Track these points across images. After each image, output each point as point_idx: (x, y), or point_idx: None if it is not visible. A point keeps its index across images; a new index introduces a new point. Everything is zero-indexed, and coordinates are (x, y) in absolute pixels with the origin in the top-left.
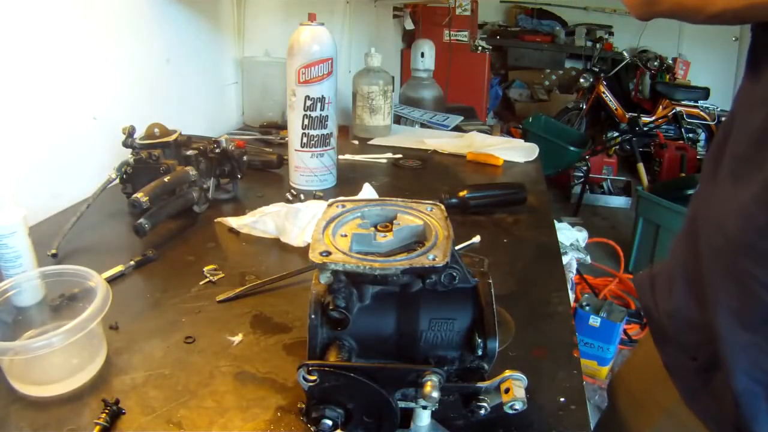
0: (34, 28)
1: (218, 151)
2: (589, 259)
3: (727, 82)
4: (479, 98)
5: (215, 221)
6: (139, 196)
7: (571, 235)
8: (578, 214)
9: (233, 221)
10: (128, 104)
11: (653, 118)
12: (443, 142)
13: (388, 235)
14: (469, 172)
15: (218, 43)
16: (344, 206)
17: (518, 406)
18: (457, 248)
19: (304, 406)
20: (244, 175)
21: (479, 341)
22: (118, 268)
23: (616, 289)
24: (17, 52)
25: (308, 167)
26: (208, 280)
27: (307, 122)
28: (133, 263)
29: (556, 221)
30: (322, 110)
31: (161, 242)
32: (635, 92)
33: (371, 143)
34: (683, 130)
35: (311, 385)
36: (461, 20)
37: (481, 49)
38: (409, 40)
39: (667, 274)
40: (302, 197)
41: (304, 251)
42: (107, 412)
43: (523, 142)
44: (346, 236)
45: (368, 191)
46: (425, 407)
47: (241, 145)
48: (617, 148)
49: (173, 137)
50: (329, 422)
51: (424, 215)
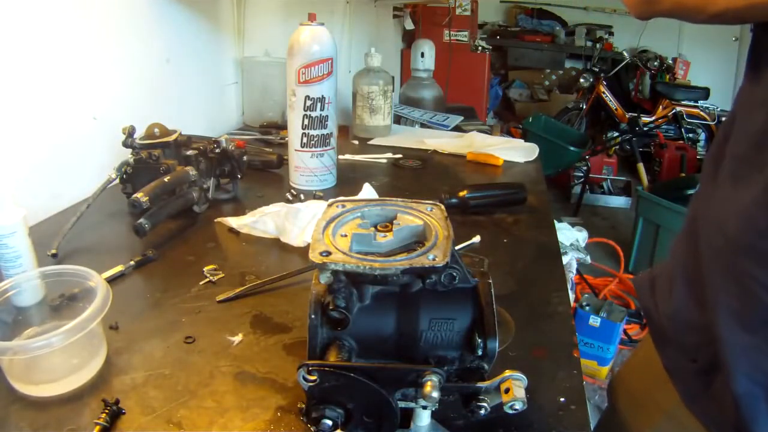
0: (34, 28)
1: (218, 151)
2: (589, 259)
3: (727, 82)
4: (479, 98)
5: (215, 221)
6: (139, 196)
7: (571, 235)
8: (578, 214)
9: (233, 221)
10: (128, 104)
11: (653, 118)
12: (443, 142)
13: (388, 235)
14: (469, 172)
15: (218, 43)
16: (344, 206)
17: (518, 406)
18: (457, 248)
19: (304, 406)
20: (244, 175)
21: (479, 341)
22: (118, 268)
23: (616, 289)
24: (17, 52)
25: (308, 167)
26: (208, 280)
27: (307, 122)
28: (133, 263)
29: (556, 221)
30: (322, 110)
31: (161, 242)
32: (635, 92)
33: (371, 143)
34: (683, 130)
35: (311, 385)
36: (461, 20)
37: (481, 49)
38: (409, 40)
39: (667, 275)
40: (302, 197)
41: (304, 251)
42: (107, 412)
43: (523, 142)
44: (346, 236)
45: (368, 191)
46: (425, 407)
47: (241, 145)
48: (617, 148)
49: (173, 137)
50: (329, 422)
51: (424, 215)
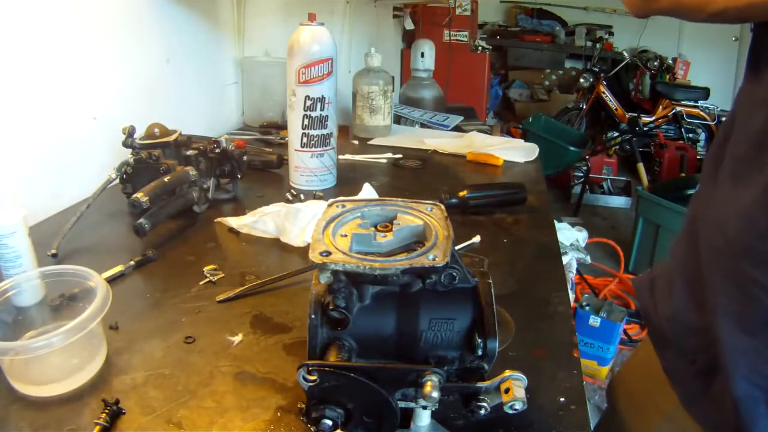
0: (33, 28)
1: (218, 151)
2: (589, 259)
3: (727, 82)
4: (479, 98)
5: (215, 221)
6: (139, 196)
7: (571, 235)
8: (578, 214)
9: (233, 221)
10: (128, 104)
11: (653, 118)
12: (443, 142)
13: (388, 235)
14: (469, 172)
15: (218, 43)
16: (344, 206)
17: (518, 406)
18: (457, 248)
19: (304, 406)
20: (244, 175)
21: (479, 341)
22: (118, 268)
23: (616, 289)
24: (17, 52)
25: (308, 167)
26: (208, 280)
27: (307, 122)
28: (133, 263)
29: (556, 221)
30: (322, 110)
31: (161, 242)
32: (635, 92)
33: (371, 143)
34: (683, 130)
35: (311, 385)
36: (461, 20)
37: (481, 49)
38: (409, 40)
39: (666, 276)
40: (302, 197)
41: (304, 251)
42: (107, 412)
43: (523, 142)
44: (346, 236)
45: (368, 191)
46: (425, 407)
47: (241, 145)
48: (617, 148)
49: (173, 137)
50: (329, 422)
51: (424, 215)
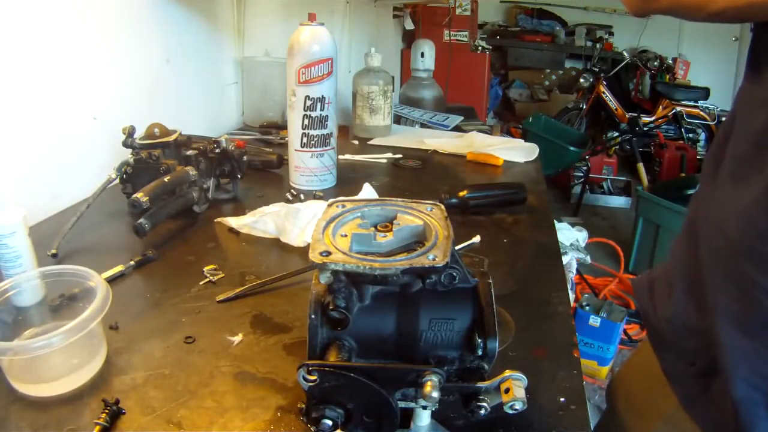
0: (33, 28)
1: (218, 151)
2: (589, 259)
3: (727, 82)
4: (479, 98)
5: (215, 221)
6: (139, 196)
7: (571, 235)
8: (578, 214)
9: (233, 221)
10: (128, 104)
11: (653, 118)
12: (443, 142)
13: (388, 235)
14: (469, 172)
15: (218, 43)
16: (344, 206)
17: (518, 406)
18: (457, 248)
19: (304, 406)
20: (244, 175)
21: (479, 341)
22: (118, 268)
23: (616, 289)
24: (17, 52)
25: (308, 167)
26: (208, 280)
27: (307, 122)
28: (133, 263)
29: (556, 221)
30: (322, 110)
31: (161, 242)
32: (635, 92)
33: (371, 143)
34: (683, 130)
35: (311, 385)
36: (461, 20)
37: (481, 49)
38: (409, 40)
39: (666, 277)
40: (302, 197)
41: (304, 251)
42: (107, 412)
43: (523, 142)
44: (346, 236)
45: (368, 191)
46: (425, 407)
47: (241, 145)
48: (617, 148)
49: (173, 137)
50: (329, 422)
51: (424, 215)
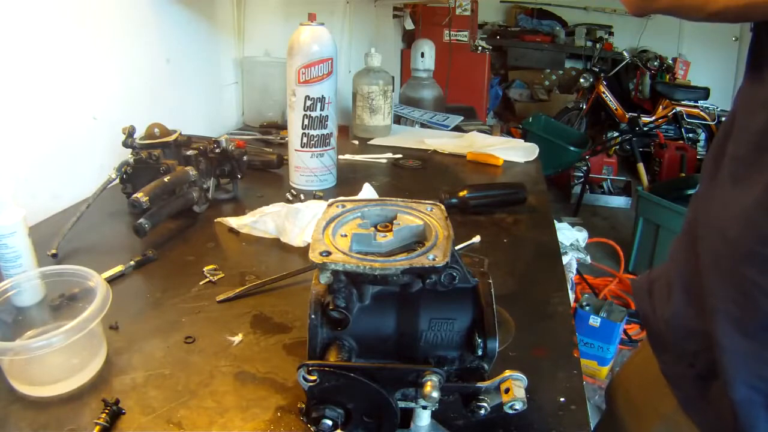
0: (33, 28)
1: (218, 151)
2: (589, 259)
3: (727, 82)
4: (479, 98)
5: (215, 221)
6: (139, 196)
7: (571, 235)
8: (578, 214)
9: (233, 221)
10: (128, 104)
11: (653, 118)
12: (443, 142)
13: (388, 235)
14: (469, 172)
15: (218, 43)
16: (344, 206)
17: (518, 406)
18: (457, 248)
19: (304, 406)
20: (244, 175)
21: (479, 341)
22: (118, 268)
23: (616, 289)
24: (18, 53)
25: (308, 167)
26: (208, 280)
27: (307, 122)
28: (133, 263)
29: (556, 221)
30: (322, 110)
31: (161, 242)
32: (635, 92)
33: (371, 143)
34: (683, 130)
35: (311, 385)
36: (461, 20)
37: (481, 49)
38: (409, 40)
39: (665, 279)
40: (302, 197)
41: (304, 251)
42: (107, 412)
43: (523, 142)
44: (346, 236)
45: (368, 191)
46: (425, 407)
47: (241, 145)
48: (617, 148)
49: (173, 137)
50: (329, 422)
51: (424, 215)
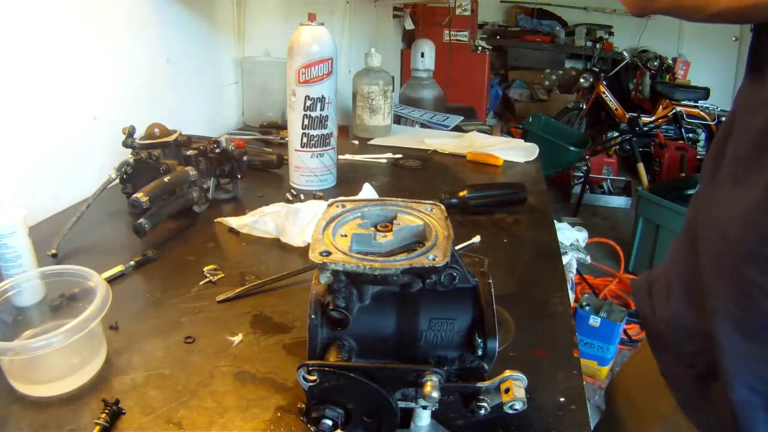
0: (33, 28)
1: (218, 151)
2: (589, 259)
3: (727, 82)
4: (479, 98)
5: (215, 221)
6: (139, 196)
7: (571, 235)
8: (578, 214)
9: (233, 221)
10: (128, 104)
11: (653, 118)
12: (443, 142)
13: (388, 235)
14: (469, 172)
15: (218, 43)
16: (344, 206)
17: (518, 406)
18: (457, 248)
19: (304, 406)
20: (244, 175)
21: (479, 341)
22: (118, 268)
23: (616, 289)
24: (18, 53)
25: (308, 167)
26: (208, 280)
27: (307, 122)
28: (133, 263)
29: (556, 221)
30: (322, 110)
31: (161, 242)
32: (635, 92)
33: (371, 143)
34: (683, 130)
35: (311, 385)
36: (461, 20)
37: (481, 49)
38: (409, 40)
39: (665, 279)
40: (302, 197)
41: (304, 251)
42: (107, 412)
43: (523, 142)
44: (346, 236)
45: (368, 191)
46: (425, 407)
47: (241, 145)
48: (617, 148)
49: (173, 137)
50: (329, 422)
51: (424, 215)
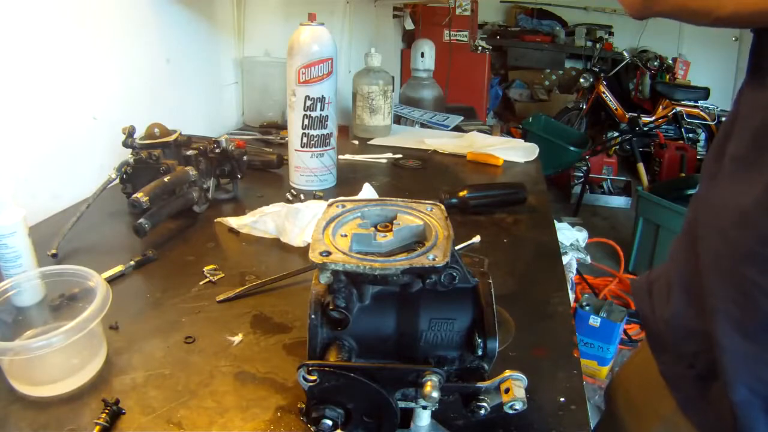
0: (34, 28)
1: (218, 151)
2: (589, 259)
3: (727, 82)
4: (479, 98)
5: (215, 221)
6: (139, 196)
7: (571, 235)
8: (578, 214)
9: (233, 221)
10: (128, 104)
11: (653, 118)
12: (443, 142)
13: (388, 235)
14: (469, 172)
15: (218, 43)
16: (344, 206)
17: (518, 406)
18: (457, 248)
19: (304, 406)
20: (244, 175)
21: (479, 341)
22: (118, 268)
23: (616, 289)
24: (18, 53)
25: (308, 167)
26: (208, 280)
27: (307, 122)
28: (133, 263)
29: (556, 221)
30: (322, 110)
31: (161, 242)
32: (635, 92)
33: (371, 143)
34: (683, 130)
35: (311, 385)
36: (461, 20)
37: (481, 49)
38: (409, 40)
39: (665, 279)
40: (302, 197)
41: (304, 251)
42: (107, 412)
43: (523, 142)
44: (346, 236)
45: (368, 191)
46: (425, 407)
47: (241, 145)
48: (617, 148)
49: (173, 137)
50: (329, 422)
51: (424, 215)
